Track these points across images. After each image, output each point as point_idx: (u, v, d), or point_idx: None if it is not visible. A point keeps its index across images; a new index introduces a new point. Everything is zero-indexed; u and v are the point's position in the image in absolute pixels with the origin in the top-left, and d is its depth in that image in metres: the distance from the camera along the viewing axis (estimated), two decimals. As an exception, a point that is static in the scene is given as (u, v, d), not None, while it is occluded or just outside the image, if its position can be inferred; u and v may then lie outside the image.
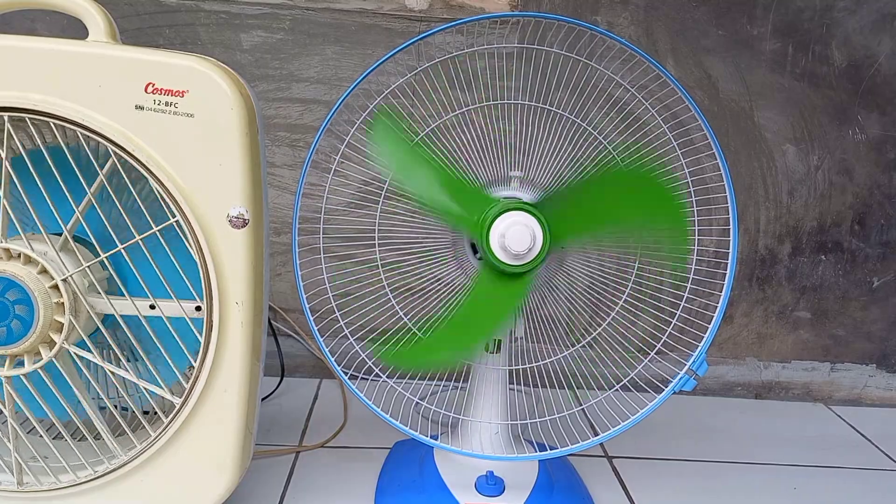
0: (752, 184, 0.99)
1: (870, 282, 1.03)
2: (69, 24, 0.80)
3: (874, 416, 1.04)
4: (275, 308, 0.96)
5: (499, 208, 0.58)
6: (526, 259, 0.58)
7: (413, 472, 0.71)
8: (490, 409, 0.68)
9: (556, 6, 0.92)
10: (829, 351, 1.06)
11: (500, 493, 0.66)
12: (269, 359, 0.84)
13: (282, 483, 0.72)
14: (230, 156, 0.54)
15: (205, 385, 0.56)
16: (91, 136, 0.52)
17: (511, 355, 0.69)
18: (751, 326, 1.04)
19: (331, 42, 0.91)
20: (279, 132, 0.93)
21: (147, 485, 0.58)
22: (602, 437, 0.65)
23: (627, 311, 0.66)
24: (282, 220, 0.94)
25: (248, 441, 0.60)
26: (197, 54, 0.53)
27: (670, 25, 0.93)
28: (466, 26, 0.62)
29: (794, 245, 1.01)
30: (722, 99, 0.96)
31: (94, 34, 0.55)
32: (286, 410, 0.89)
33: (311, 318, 0.64)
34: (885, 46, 0.96)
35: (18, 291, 0.52)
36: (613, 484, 0.77)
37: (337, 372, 0.65)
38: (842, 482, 0.83)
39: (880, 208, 1.01)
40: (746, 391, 1.06)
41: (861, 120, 0.98)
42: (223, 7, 0.88)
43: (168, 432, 0.57)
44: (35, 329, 0.53)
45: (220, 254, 0.55)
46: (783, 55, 0.95)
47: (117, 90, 0.52)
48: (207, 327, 0.55)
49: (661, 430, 0.89)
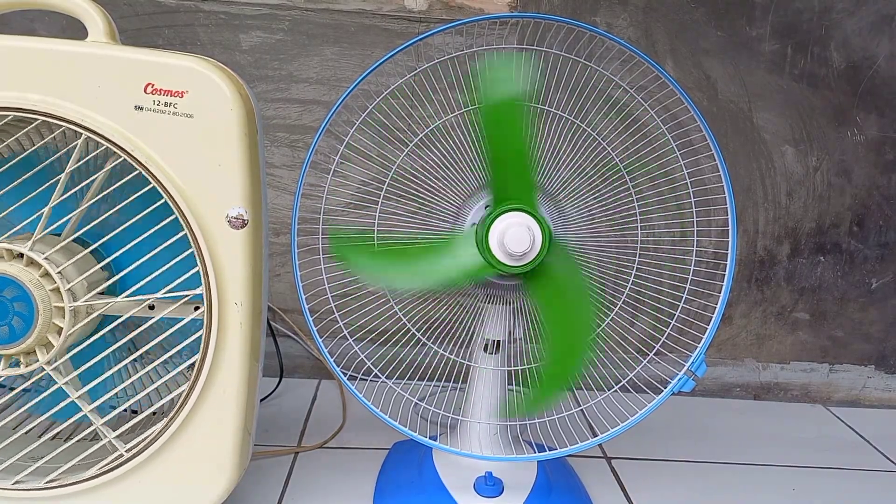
0: (751, 185, 0.99)
1: (868, 283, 1.03)
2: (69, 24, 0.80)
3: (873, 417, 1.04)
4: (274, 309, 0.96)
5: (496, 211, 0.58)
6: (525, 260, 0.58)
7: (412, 473, 0.71)
8: (489, 409, 0.68)
9: (555, 7, 0.92)
10: (827, 352, 1.06)
11: (498, 494, 0.66)
12: (267, 359, 0.84)
13: (280, 483, 0.72)
14: (229, 156, 0.54)
15: (204, 385, 0.56)
16: (90, 137, 0.52)
17: (510, 356, 0.69)
18: (749, 327, 1.04)
19: (330, 43, 0.91)
20: (278, 133, 0.93)
21: (146, 485, 0.58)
22: (601, 438, 0.65)
23: (626, 312, 0.66)
24: (281, 220, 0.94)
25: (247, 441, 0.60)
26: (196, 55, 0.53)
27: (669, 26, 0.94)
28: (466, 27, 0.62)
29: (792, 246, 1.02)
30: (721, 100, 0.96)
31: (93, 35, 0.55)
32: (285, 411, 0.89)
33: (311, 318, 0.64)
34: (884, 48, 0.96)
35: (15, 289, 0.52)
36: (612, 485, 0.77)
37: (336, 372, 0.65)
38: (840, 483, 0.83)
39: (879, 210, 1.01)
40: (745, 392, 1.07)
41: (860, 121, 0.98)
42: (222, 8, 0.88)
43: (167, 433, 0.57)
44: (35, 327, 0.53)
45: (219, 254, 0.55)
46: (782, 56, 0.95)
47: (117, 90, 0.52)
48: (207, 327, 0.55)
49: (660, 431, 0.89)
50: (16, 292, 0.52)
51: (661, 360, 0.65)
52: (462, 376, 0.69)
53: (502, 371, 0.68)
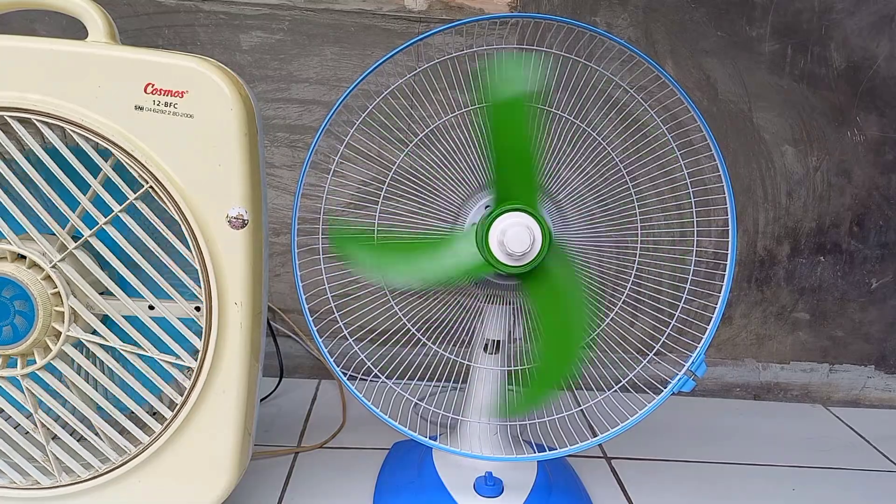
0: (751, 185, 0.99)
1: (868, 283, 1.03)
2: (69, 24, 0.80)
3: (873, 417, 1.04)
4: (274, 309, 0.96)
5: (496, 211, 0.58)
6: (525, 260, 0.58)
7: (412, 473, 0.71)
8: (489, 409, 0.68)
9: (555, 7, 0.92)
10: (827, 352, 1.06)
11: (498, 494, 0.66)
12: (267, 359, 0.84)
13: (280, 484, 0.72)
14: (229, 156, 0.54)
15: (204, 385, 0.56)
16: (90, 137, 0.52)
17: (510, 356, 0.69)
18: (749, 327, 1.04)
19: (330, 43, 0.91)
20: (278, 133, 0.93)
21: (146, 485, 0.58)
22: (601, 438, 0.65)
23: (626, 312, 0.66)
24: (281, 220, 0.94)
25: (247, 441, 0.60)
26: (196, 55, 0.53)
27: (669, 27, 0.94)
28: (465, 27, 0.62)
29: (792, 246, 1.02)
30: (721, 100, 0.96)
31: (93, 35, 0.55)
32: (285, 411, 0.89)
33: (311, 318, 0.64)
34: (884, 48, 0.96)
35: (14, 288, 0.52)
36: (612, 485, 0.77)
37: (336, 373, 0.65)
38: (840, 483, 0.83)
39: (879, 210, 1.01)
40: (745, 392, 1.07)
41: (860, 121, 0.98)
42: (222, 8, 0.88)
43: (167, 433, 0.57)
44: (36, 327, 0.53)
45: (219, 254, 0.55)
46: (782, 57, 0.95)
47: (117, 90, 0.52)
48: (206, 328, 0.55)
49: (660, 431, 0.89)
50: (15, 292, 0.52)
51: (661, 360, 0.65)
52: (462, 376, 0.69)
53: (502, 371, 0.68)
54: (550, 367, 0.60)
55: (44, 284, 0.53)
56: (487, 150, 0.60)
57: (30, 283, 0.53)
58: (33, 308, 0.53)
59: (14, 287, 0.53)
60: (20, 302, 0.53)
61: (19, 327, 0.53)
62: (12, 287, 0.53)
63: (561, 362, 0.60)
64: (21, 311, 0.53)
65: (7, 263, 0.53)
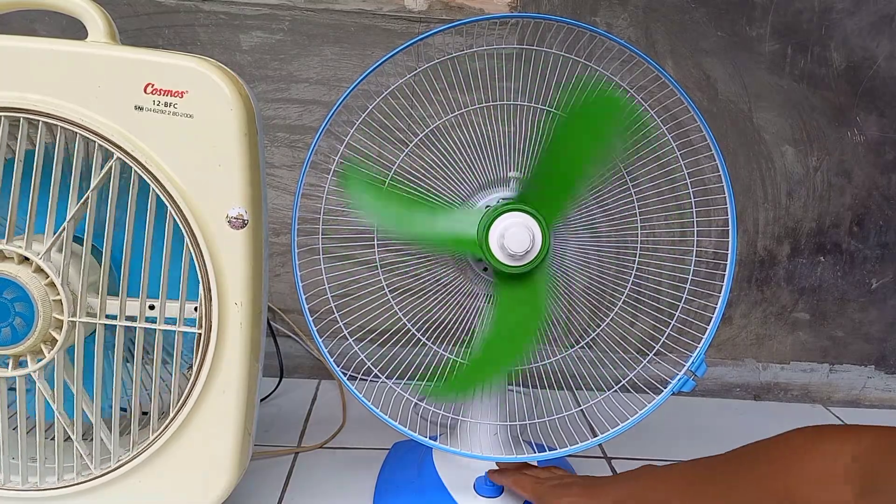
0: (751, 185, 0.99)
1: (868, 283, 1.03)
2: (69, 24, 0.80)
3: (873, 417, 1.04)
4: (274, 309, 0.96)
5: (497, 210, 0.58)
6: (526, 259, 0.58)
7: (412, 473, 0.71)
8: (489, 409, 0.68)
9: (555, 7, 0.92)
10: (827, 352, 1.06)
11: (498, 494, 0.66)
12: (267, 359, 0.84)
13: (280, 484, 0.72)
14: (229, 156, 0.54)
15: (203, 385, 0.56)
16: (90, 137, 0.52)
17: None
18: (749, 327, 1.04)
19: (330, 43, 0.91)
20: (278, 133, 0.93)
21: (146, 485, 0.58)
22: (601, 438, 0.65)
23: (626, 312, 0.66)
24: (281, 220, 0.94)
25: (247, 442, 0.60)
26: (196, 55, 0.53)
27: (669, 27, 0.94)
28: (466, 27, 0.62)
29: (792, 246, 1.02)
30: (721, 100, 0.96)
31: (93, 35, 0.55)
32: (285, 411, 0.89)
33: (311, 318, 0.64)
34: (884, 48, 0.96)
35: (14, 289, 0.52)
36: (612, 485, 0.77)
37: (336, 373, 0.65)
38: (840, 483, 0.82)
39: (879, 210, 1.01)
40: (745, 392, 1.07)
41: (860, 121, 0.98)
42: (222, 8, 0.88)
43: (167, 433, 0.57)
44: (35, 329, 0.53)
45: (219, 254, 0.55)
46: (782, 56, 0.95)
47: (116, 91, 0.52)
48: (206, 328, 0.55)
49: (660, 431, 0.89)
50: (16, 293, 0.52)
51: (661, 360, 0.65)
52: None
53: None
54: (491, 358, 0.61)
55: (43, 284, 0.53)
56: (538, 149, 0.61)
57: (29, 283, 0.53)
58: (33, 309, 0.53)
59: (14, 288, 0.52)
60: (20, 303, 0.53)
61: (18, 329, 0.53)
62: (13, 288, 0.52)
63: (503, 358, 0.61)
64: (20, 312, 0.53)
65: (7, 263, 0.53)
